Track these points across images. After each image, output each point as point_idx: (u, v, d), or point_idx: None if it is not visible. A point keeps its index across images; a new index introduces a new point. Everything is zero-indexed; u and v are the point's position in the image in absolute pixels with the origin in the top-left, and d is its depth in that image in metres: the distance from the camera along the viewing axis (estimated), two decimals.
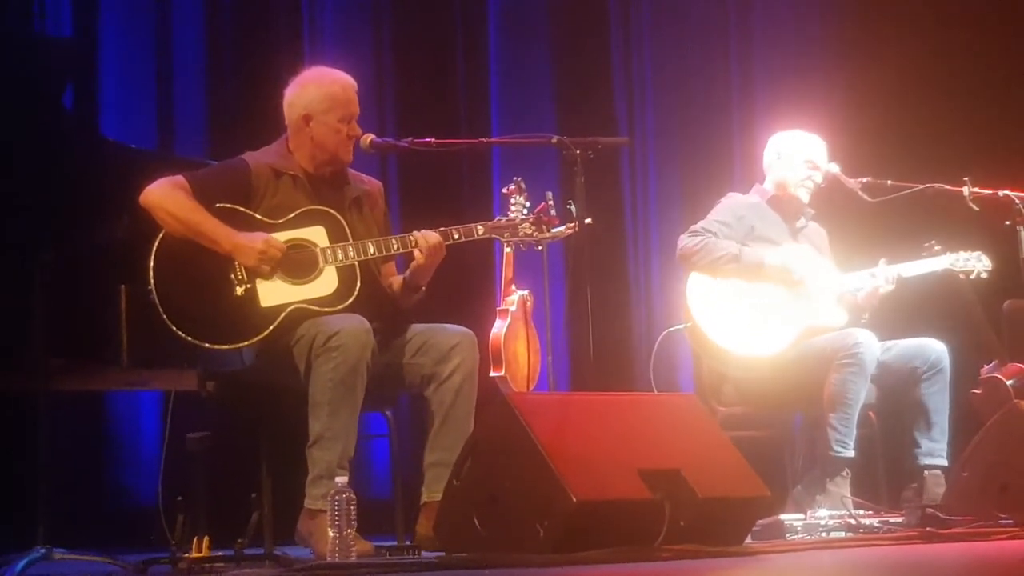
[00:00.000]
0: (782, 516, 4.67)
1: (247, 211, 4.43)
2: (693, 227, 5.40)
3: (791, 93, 6.51)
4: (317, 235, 4.43)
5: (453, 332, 4.52)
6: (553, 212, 4.60)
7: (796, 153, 5.50)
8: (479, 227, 4.57)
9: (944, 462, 5.18)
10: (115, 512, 6.09)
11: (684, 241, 5.36)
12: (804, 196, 5.50)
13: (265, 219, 4.43)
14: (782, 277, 5.33)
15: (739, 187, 5.78)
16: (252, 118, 5.95)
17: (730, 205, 5.51)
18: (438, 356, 4.47)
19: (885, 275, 5.33)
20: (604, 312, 4.72)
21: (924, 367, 5.23)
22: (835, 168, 5.44)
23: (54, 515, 4.60)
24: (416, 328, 4.56)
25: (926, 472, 5.17)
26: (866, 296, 5.37)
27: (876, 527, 4.66)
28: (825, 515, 4.73)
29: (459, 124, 7.03)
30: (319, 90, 4.57)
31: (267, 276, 4.35)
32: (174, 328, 4.26)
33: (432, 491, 4.37)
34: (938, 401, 5.22)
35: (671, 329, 5.63)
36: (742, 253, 5.31)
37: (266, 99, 4.89)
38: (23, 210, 4.65)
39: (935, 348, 5.26)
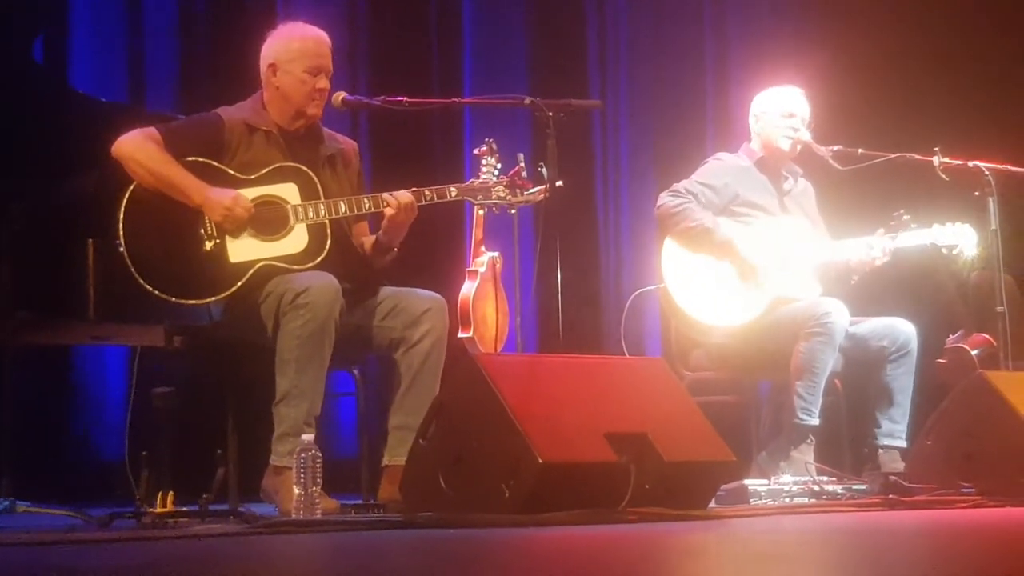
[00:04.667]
0: (746, 481, 4.69)
1: (219, 165, 4.40)
2: (675, 185, 5.35)
3: (764, 58, 6.49)
4: (289, 192, 4.40)
5: (425, 297, 4.50)
6: (525, 175, 4.58)
7: (773, 108, 5.46)
8: (452, 189, 4.54)
9: (903, 443, 5.18)
10: (80, 466, 6.06)
11: (665, 199, 5.31)
12: (785, 146, 5.42)
13: (237, 174, 4.40)
14: (745, 270, 5.27)
15: (710, 150, 5.76)
16: (223, 73, 5.91)
17: (716, 168, 5.45)
18: (408, 320, 4.46)
19: (883, 246, 5.30)
20: (573, 274, 4.71)
21: (892, 348, 5.22)
22: (807, 136, 5.42)
23: (18, 468, 4.57)
24: (387, 291, 4.54)
25: (880, 451, 5.17)
26: (859, 262, 5.31)
27: (839, 494, 4.70)
28: (789, 481, 4.76)
29: (432, 84, 6.99)
30: (288, 42, 4.55)
31: (233, 235, 4.33)
32: (142, 282, 4.23)
33: (395, 454, 4.36)
34: (903, 383, 5.21)
35: (642, 290, 5.63)
36: (716, 229, 5.25)
37: (237, 54, 4.85)
38: None
39: (904, 330, 5.24)
